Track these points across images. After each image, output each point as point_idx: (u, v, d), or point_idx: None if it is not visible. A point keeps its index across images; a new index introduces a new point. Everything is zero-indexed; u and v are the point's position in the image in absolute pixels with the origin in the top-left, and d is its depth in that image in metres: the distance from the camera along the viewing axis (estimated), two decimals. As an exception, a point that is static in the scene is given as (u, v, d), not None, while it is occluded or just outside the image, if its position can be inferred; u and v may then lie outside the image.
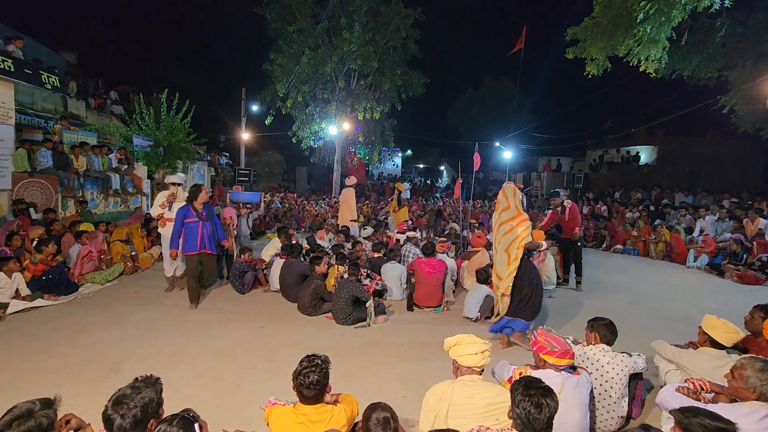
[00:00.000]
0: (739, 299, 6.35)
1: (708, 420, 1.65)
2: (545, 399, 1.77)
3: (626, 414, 2.90)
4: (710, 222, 10.37)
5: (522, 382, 1.88)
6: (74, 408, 2.22)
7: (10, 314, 4.88)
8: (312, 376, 2.08)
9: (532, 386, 1.83)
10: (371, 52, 16.23)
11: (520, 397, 1.81)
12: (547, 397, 1.78)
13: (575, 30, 8.93)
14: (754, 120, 11.22)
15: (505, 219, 4.22)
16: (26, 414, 1.60)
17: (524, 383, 1.86)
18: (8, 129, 7.63)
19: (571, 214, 6.80)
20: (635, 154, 21.11)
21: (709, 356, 2.92)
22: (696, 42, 9.86)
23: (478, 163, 8.84)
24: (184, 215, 5.32)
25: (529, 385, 1.84)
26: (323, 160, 20.38)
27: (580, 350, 2.93)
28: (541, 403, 1.75)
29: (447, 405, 2.25)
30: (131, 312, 5.18)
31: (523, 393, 1.81)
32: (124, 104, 15.06)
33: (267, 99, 17.93)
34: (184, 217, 5.32)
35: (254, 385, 3.47)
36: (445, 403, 2.25)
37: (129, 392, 1.72)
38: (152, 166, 11.99)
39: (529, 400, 1.77)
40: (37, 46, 13.21)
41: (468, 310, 5.24)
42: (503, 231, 4.20)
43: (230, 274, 6.29)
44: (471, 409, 2.21)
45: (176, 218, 5.35)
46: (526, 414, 1.76)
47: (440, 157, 38.14)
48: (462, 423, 2.14)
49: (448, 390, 2.29)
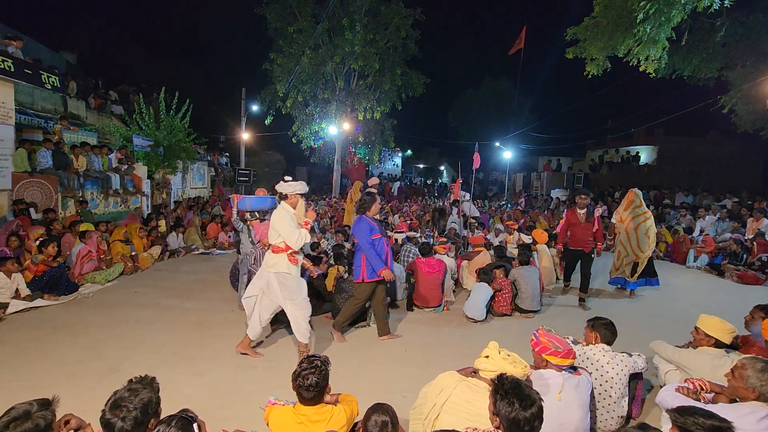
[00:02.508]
0: (739, 299, 6.34)
1: (703, 419, 1.65)
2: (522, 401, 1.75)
3: (626, 414, 2.90)
4: (710, 222, 10.38)
5: (500, 383, 1.86)
6: (74, 408, 2.22)
7: (10, 314, 4.87)
8: (311, 378, 2.07)
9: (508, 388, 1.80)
10: (372, 52, 16.25)
11: (498, 399, 1.80)
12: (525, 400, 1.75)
13: (575, 30, 8.94)
14: (754, 120, 11.23)
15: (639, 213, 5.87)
16: (24, 415, 1.60)
17: (501, 385, 1.84)
18: (8, 129, 7.63)
19: (598, 223, 5.70)
20: (635, 154, 21.11)
21: (709, 356, 2.92)
22: (696, 42, 9.87)
23: (477, 162, 8.85)
24: (370, 230, 4.32)
25: (506, 386, 1.82)
26: (323, 160, 20.39)
27: (580, 350, 2.93)
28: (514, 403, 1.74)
29: (444, 399, 2.29)
30: (131, 312, 5.18)
31: (501, 395, 1.80)
32: (124, 104, 15.07)
33: (267, 99, 17.95)
34: (371, 233, 4.33)
35: (254, 385, 3.47)
36: (443, 398, 2.30)
37: (126, 394, 1.70)
38: (152, 166, 12.00)
39: (507, 402, 1.76)
40: (37, 46, 13.21)
41: (474, 311, 5.15)
42: (639, 221, 5.84)
43: (230, 274, 6.28)
44: (463, 413, 2.23)
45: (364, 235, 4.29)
46: (506, 414, 1.76)
47: (440, 157, 38.18)
48: (450, 422, 2.19)
49: (451, 386, 2.32)
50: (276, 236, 3.75)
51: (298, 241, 3.70)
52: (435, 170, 38.65)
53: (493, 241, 8.30)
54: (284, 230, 3.68)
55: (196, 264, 8.09)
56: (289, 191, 3.85)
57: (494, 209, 15.43)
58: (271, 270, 3.78)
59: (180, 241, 8.95)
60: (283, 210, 3.78)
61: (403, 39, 17.19)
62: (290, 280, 3.79)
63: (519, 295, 5.45)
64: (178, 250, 8.65)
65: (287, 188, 3.85)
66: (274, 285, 3.79)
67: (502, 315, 5.34)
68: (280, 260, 3.76)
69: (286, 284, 3.78)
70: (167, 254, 8.33)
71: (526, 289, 5.38)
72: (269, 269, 3.79)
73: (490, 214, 13.75)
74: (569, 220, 5.71)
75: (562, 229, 5.92)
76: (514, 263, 5.91)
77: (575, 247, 5.70)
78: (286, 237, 3.69)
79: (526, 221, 11.62)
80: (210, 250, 9.22)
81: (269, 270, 3.79)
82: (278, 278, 3.77)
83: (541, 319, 5.35)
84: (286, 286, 3.78)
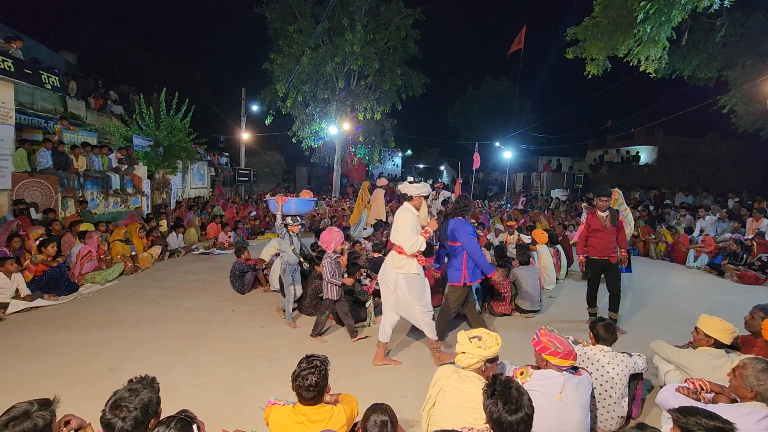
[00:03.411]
0: (739, 299, 6.34)
1: (705, 419, 1.65)
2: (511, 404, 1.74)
3: (626, 414, 2.90)
4: (710, 222, 10.38)
5: (492, 382, 1.86)
6: (74, 408, 2.22)
7: (10, 314, 4.87)
8: (311, 378, 2.07)
9: (498, 388, 1.81)
10: (372, 52, 16.25)
11: (486, 397, 1.82)
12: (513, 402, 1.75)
13: (575, 30, 8.94)
14: (754, 120, 11.24)
15: (623, 209, 6.53)
16: (23, 415, 1.60)
17: (493, 384, 1.85)
18: (8, 129, 7.64)
19: (622, 228, 4.90)
20: (635, 154, 21.13)
21: (709, 356, 2.92)
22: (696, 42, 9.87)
23: (477, 162, 8.85)
24: (473, 232, 4.20)
25: (496, 387, 1.82)
26: (323, 160, 20.37)
27: (581, 350, 2.94)
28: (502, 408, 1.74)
29: (438, 390, 2.39)
30: (131, 312, 5.17)
31: (489, 393, 1.81)
32: (124, 104, 15.08)
33: (267, 99, 17.94)
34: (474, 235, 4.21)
35: (254, 385, 3.47)
36: (437, 389, 2.40)
37: (126, 395, 1.70)
38: (152, 166, 12.00)
39: (493, 402, 1.77)
40: (37, 46, 13.21)
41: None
42: (624, 215, 6.37)
43: (230, 274, 6.28)
44: (453, 399, 2.32)
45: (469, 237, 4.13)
46: (490, 414, 1.78)
47: (440, 157, 38.19)
48: (444, 409, 2.32)
49: (444, 377, 2.42)
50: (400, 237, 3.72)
51: (412, 248, 3.66)
52: (435, 170, 38.64)
53: (493, 241, 8.30)
54: (404, 233, 3.65)
55: (196, 264, 8.09)
56: (415, 193, 3.82)
57: (494, 209, 15.43)
58: (399, 271, 3.73)
59: (180, 241, 8.96)
60: (408, 212, 3.75)
61: (403, 39, 17.19)
62: (419, 280, 3.77)
63: (519, 294, 5.45)
64: (178, 250, 8.65)
65: (413, 190, 3.83)
66: (402, 286, 3.74)
67: (502, 315, 5.34)
68: (410, 261, 3.72)
69: (414, 285, 3.73)
70: (167, 254, 8.33)
71: (526, 289, 5.38)
72: (397, 270, 3.73)
73: (490, 213, 13.75)
74: (591, 225, 4.88)
75: (581, 236, 5.07)
76: (514, 263, 5.91)
77: (599, 256, 4.83)
78: (403, 240, 3.66)
79: (526, 221, 11.63)
80: (210, 250, 9.22)
81: (397, 271, 3.73)
82: (407, 279, 3.72)
83: (541, 319, 5.35)
84: (415, 287, 3.74)
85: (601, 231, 4.79)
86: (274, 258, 6.46)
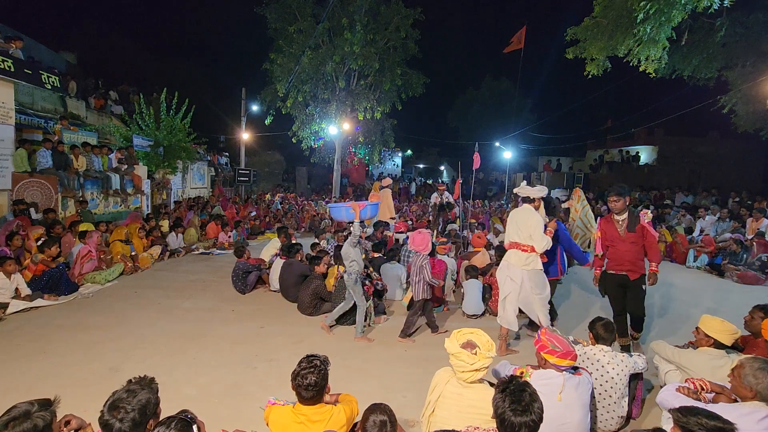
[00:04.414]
0: (739, 299, 6.34)
1: (706, 419, 1.65)
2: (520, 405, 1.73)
3: (626, 414, 2.90)
4: (710, 222, 10.37)
5: (508, 381, 1.86)
6: (74, 408, 2.22)
7: (10, 314, 4.87)
8: (310, 377, 2.07)
9: (512, 388, 1.80)
10: (372, 52, 16.25)
11: (497, 392, 1.81)
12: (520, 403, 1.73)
13: (575, 30, 8.94)
14: (754, 120, 11.23)
15: (585, 204, 7.44)
16: (23, 415, 1.60)
17: (508, 382, 1.84)
18: (8, 129, 7.64)
19: (646, 235, 3.89)
20: (635, 154, 21.12)
21: (709, 356, 2.92)
22: (696, 42, 9.87)
23: (477, 162, 8.84)
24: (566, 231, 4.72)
25: (510, 386, 1.81)
26: (323, 160, 20.38)
27: (581, 350, 2.94)
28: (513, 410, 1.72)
29: (437, 395, 2.36)
30: (131, 312, 5.18)
31: (501, 389, 1.80)
32: (124, 104, 15.09)
33: (267, 99, 17.95)
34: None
35: (254, 385, 3.47)
36: (436, 394, 2.37)
37: (125, 396, 1.69)
38: (152, 166, 12.00)
39: (501, 399, 1.76)
40: (37, 46, 13.23)
41: (471, 307, 5.25)
42: (587, 210, 7.44)
43: (233, 273, 6.27)
44: (454, 406, 2.29)
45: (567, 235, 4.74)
46: (496, 408, 1.77)
47: (440, 157, 38.14)
48: (445, 416, 2.27)
49: (443, 381, 2.39)
50: (528, 237, 4.00)
51: (544, 247, 3.97)
52: (435, 170, 38.62)
53: (493, 241, 8.30)
54: (537, 234, 3.93)
55: (196, 264, 8.09)
56: (537, 195, 4.21)
57: (494, 209, 15.42)
58: (525, 268, 4.03)
59: (180, 241, 8.95)
60: (536, 214, 4.07)
61: (403, 39, 17.19)
62: (541, 276, 4.10)
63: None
64: (178, 250, 8.65)
65: (535, 192, 4.19)
66: (526, 281, 4.04)
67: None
68: (535, 258, 4.04)
69: (538, 281, 4.06)
70: (167, 254, 8.33)
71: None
72: (523, 267, 4.04)
73: (490, 214, 13.74)
74: (605, 233, 4.07)
75: (601, 248, 4.19)
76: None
77: (616, 270, 3.97)
78: (536, 241, 3.94)
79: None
80: (210, 250, 9.22)
81: (523, 268, 4.04)
82: (531, 275, 4.04)
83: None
84: (538, 282, 4.06)
85: (618, 240, 3.94)
86: (274, 258, 6.46)
